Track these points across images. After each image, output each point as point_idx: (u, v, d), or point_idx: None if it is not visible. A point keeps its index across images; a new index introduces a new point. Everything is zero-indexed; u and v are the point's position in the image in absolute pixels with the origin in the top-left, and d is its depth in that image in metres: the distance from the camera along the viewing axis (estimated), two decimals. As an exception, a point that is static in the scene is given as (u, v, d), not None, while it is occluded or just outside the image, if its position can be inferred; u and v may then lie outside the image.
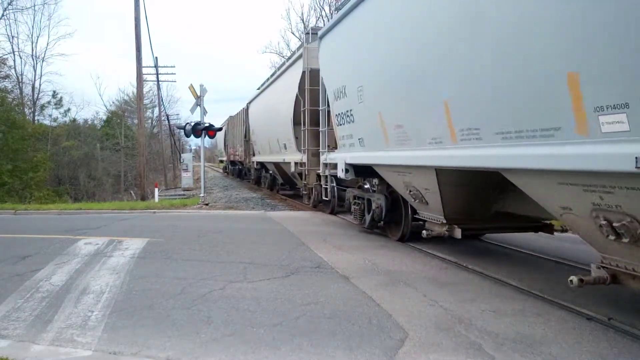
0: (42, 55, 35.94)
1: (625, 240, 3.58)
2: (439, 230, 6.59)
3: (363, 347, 3.67)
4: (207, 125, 16.01)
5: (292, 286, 5.39)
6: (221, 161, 45.05)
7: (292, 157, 13.42)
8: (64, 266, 6.52)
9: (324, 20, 33.19)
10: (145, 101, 39.54)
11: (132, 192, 31.00)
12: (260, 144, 18.53)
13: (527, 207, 5.76)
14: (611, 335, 3.90)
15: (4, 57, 30.43)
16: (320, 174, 10.70)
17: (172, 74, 51.50)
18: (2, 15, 31.16)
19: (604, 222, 3.70)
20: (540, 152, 3.89)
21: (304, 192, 13.83)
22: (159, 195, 19.31)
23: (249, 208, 14.81)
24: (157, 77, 37.34)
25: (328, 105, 9.72)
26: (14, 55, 33.09)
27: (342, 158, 8.77)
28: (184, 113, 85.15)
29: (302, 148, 12.50)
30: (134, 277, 5.91)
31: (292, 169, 13.62)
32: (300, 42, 17.63)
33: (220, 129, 19.62)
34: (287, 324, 4.20)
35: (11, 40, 33.73)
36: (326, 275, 5.91)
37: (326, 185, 10.64)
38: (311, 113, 11.94)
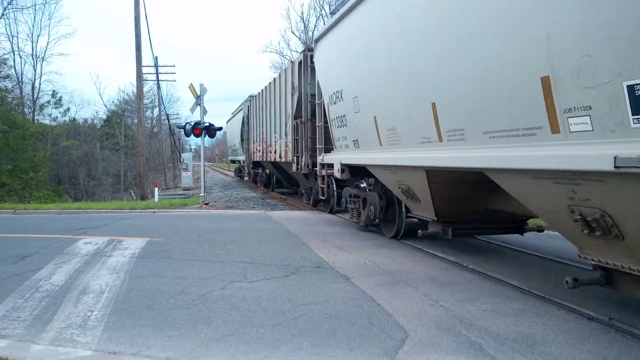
0: (42, 54, 36.12)
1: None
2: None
3: (363, 347, 3.67)
4: (207, 124, 16.03)
5: (292, 286, 5.38)
6: (232, 161, 33.73)
7: None
8: (64, 266, 6.52)
9: (323, 20, 33.21)
10: (145, 101, 39.57)
11: (131, 191, 30.97)
12: (379, 119, 6.99)
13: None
14: (612, 335, 3.89)
15: (4, 56, 30.46)
16: None
17: (172, 73, 51.57)
18: (2, 14, 31.19)
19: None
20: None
21: None
22: (158, 195, 19.30)
23: (249, 207, 14.80)
24: (157, 77, 37.35)
25: None
26: (14, 54, 33.18)
27: None
28: (184, 112, 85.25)
29: None
30: (134, 276, 5.90)
31: None
32: (300, 42, 16.44)
33: (220, 129, 18.11)
34: (287, 323, 4.19)
35: (11, 39, 33.84)
36: (326, 275, 5.90)
37: None
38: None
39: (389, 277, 5.76)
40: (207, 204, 15.44)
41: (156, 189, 19.54)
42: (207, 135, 16.38)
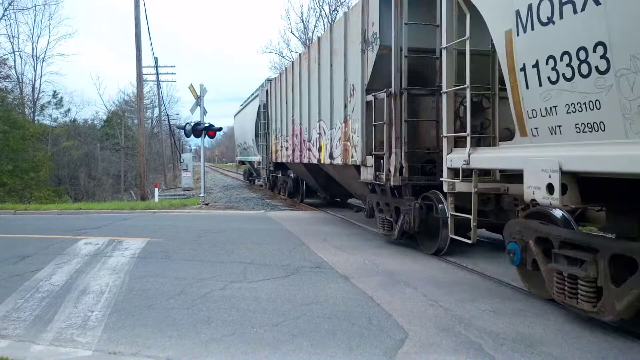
0: (43, 55, 36.04)
1: None
2: None
3: (363, 347, 3.67)
4: (207, 125, 16.05)
5: (292, 286, 5.39)
6: (242, 162, 27.46)
7: None
8: (64, 266, 6.52)
9: (323, 20, 33.26)
10: (146, 101, 39.60)
11: (132, 192, 30.99)
12: None
13: None
14: (611, 335, 3.90)
15: (4, 57, 30.48)
16: None
17: (172, 74, 51.33)
18: (3, 15, 31.22)
19: None
20: None
21: None
22: (159, 195, 19.32)
23: (249, 208, 14.81)
24: (157, 77, 37.40)
25: None
26: (15, 55, 33.18)
27: None
28: (184, 113, 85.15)
29: None
30: (134, 277, 5.91)
31: None
32: (300, 43, 15.52)
33: (220, 129, 17.77)
34: (287, 323, 4.20)
35: (12, 40, 33.75)
36: (326, 275, 5.91)
37: None
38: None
39: (388, 277, 5.76)
40: (207, 204, 15.45)
41: (156, 189, 19.56)
42: (207, 136, 16.40)
